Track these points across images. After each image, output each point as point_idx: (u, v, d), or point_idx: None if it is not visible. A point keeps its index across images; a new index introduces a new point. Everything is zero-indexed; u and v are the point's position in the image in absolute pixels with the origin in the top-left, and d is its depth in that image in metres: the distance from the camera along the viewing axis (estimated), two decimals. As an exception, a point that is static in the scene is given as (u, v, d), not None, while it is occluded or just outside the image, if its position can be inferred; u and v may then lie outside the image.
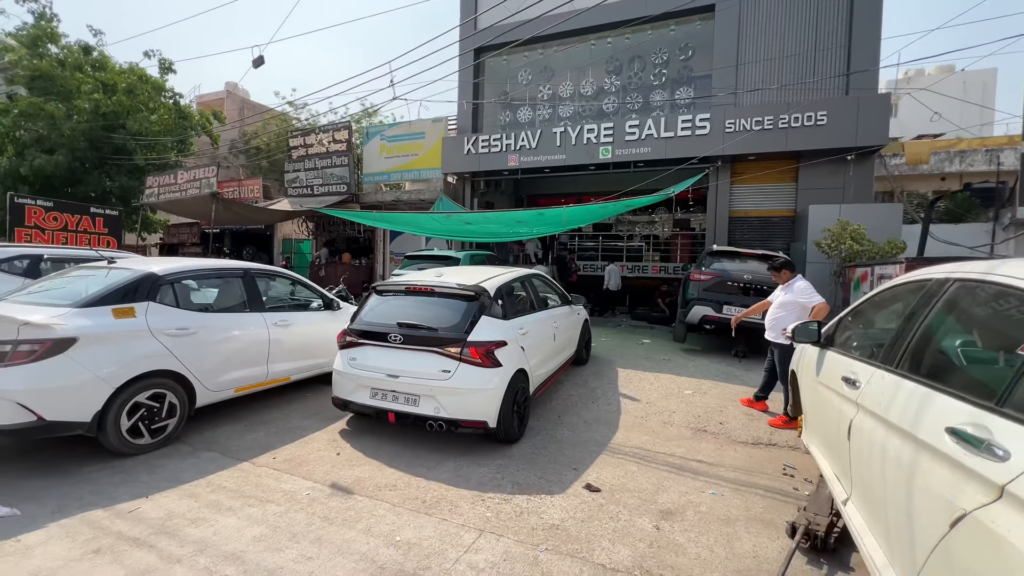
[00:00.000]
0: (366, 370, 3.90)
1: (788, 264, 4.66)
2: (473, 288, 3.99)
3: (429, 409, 3.65)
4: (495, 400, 3.65)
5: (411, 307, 4.13)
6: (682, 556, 2.52)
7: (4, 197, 13.43)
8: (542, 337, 4.67)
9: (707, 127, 10.70)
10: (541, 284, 5.53)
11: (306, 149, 15.68)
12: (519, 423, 4.00)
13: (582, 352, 6.29)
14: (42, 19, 14.86)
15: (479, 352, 3.65)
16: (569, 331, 5.64)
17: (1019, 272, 1.41)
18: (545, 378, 4.74)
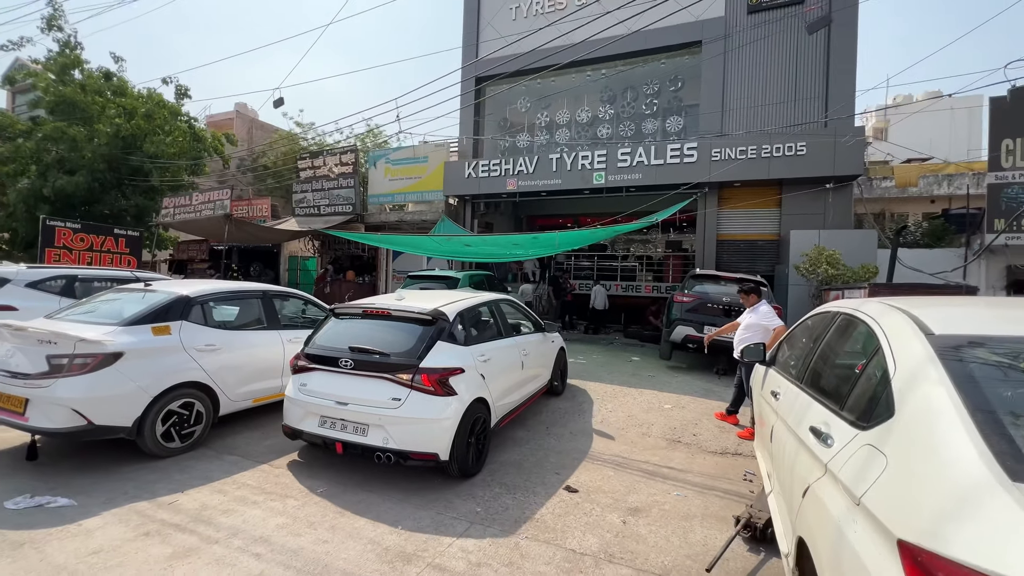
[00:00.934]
0: (315, 396, 3.71)
1: (755, 289, 5.16)
2: (431, 312, 3.84)
3: (378, 440, 3.45)
4: (448, 431, 3.47)
5: (366, 331, 3.97)
6: (642, 544, 2.96)
7: (27, 216, 14.12)
8: (507, 365, 4.48)
9: (695, 155, 11.32)
10: (511, 310, 5.34)
11: (314, 171, 16.36)
12: (476, 457, 3.81)
13: (556, 381, 5.98)
14: (67, 47, 15.72)
15: (431, 379, 3.47)
16: (541, 359, 5.40)
17: (867, 308, 1.89)
18: (511, 408, 4.55)
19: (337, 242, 17.79)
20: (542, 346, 5.50)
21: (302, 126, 25.44)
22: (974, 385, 1.23)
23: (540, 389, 5.43)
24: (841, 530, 1.28)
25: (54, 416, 3.52)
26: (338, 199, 15.83)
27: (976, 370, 1.30)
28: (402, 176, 15.30)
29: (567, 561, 2.75)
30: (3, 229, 15.61)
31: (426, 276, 10.27)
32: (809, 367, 2.31)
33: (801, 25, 10.84)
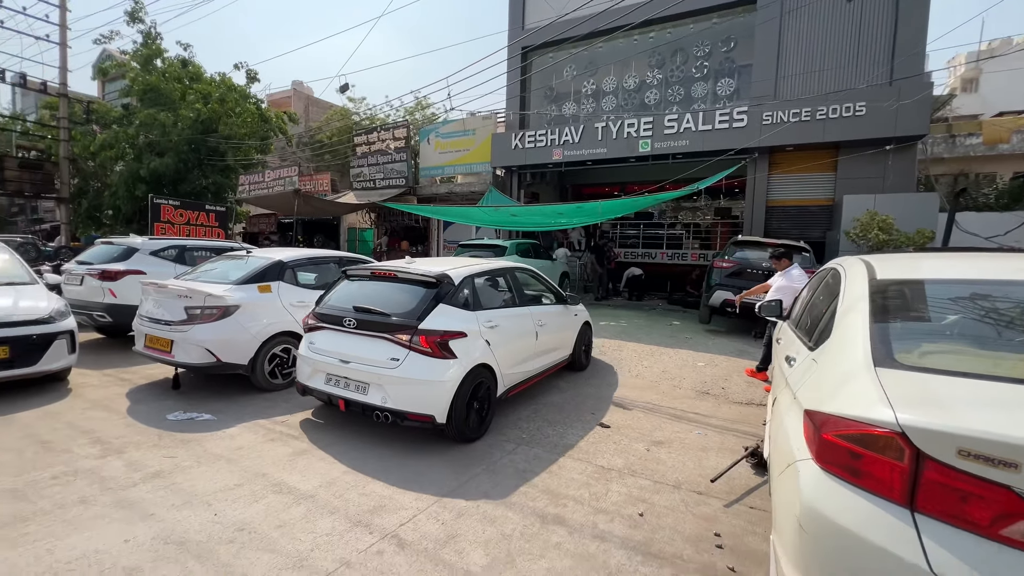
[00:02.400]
0: (322, 355, 3.83)
1: (787, 254, 5.40)
2: (435, 275, 3.85)
3: (377, 399, 3.51)
4: (445, 394, 3.46)
5: (372, 292, 4.05)
6: (661, 465, 3.53)
7: (127, 194, 16.00)
8: (518, 333, 4.39)
9: (744, 120, 11.09)
10: (528, 279, 5.23)
11: (369, 147, 17.27)
12: (478, 422, 3.80)
13: (580, 356, 5.76)
14: (148, 38, 17.23)
15: (429, 341, 3.47)
16: (560, 331, 5.24)
17: (846, 262, 2.28)
18: (522, 379, 4.47)
19: (392, 213, 18.81)
20: (562, 318, 5.32)
21: (354, 101, 26.35)
22: (883, 311, 1.65)
23: (560, 362, 5.30)
24: (782, 419, 1.77)
25: (192, 354, 4.49)
26: (392, 173, 16.69)
27: (890, 301, 1.71)
28: (451, 149, 15.88)
29: (596, 473, 3.36)
30: (107, 207, 17.74)
31: (476, 245, 10.95)
32: (802, 314, 2.71)
33: (867, -26, 10.24)
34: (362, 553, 2.37)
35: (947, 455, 1.12)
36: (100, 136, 16.21)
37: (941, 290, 1.81)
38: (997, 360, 1.44)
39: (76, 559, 2.23)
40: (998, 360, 1.44)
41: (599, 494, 3.06)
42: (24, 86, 14.81)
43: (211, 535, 2.47)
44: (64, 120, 15.47)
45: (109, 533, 2.45)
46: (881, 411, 1.23)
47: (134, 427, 3.90)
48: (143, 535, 2.44)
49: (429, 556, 2.37)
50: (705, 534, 2.65)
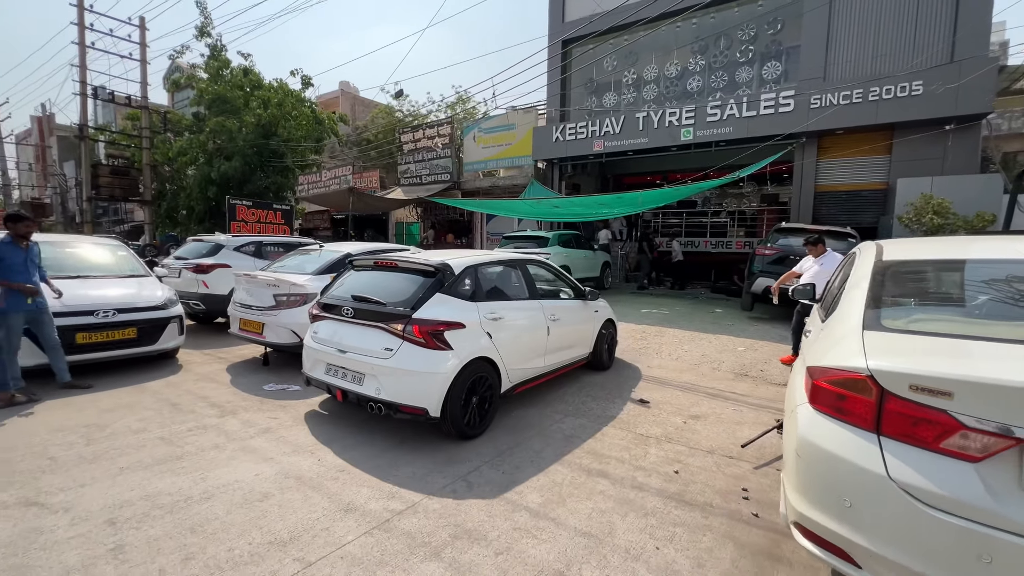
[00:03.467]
0: (323, 344, 3.82)
1: (821, 239, 5.53)
2: (435, 264, 3.79)
3: (371, 389, 3.45)
4: (439, 386, 3.35)
5: (373, 281, 4.03)
6: (695, 435, 3.86)
7: (200, 195, 17.54)
8: (526, 327, 4.24)
9: (791, 104, 10.89)
10: (542, 272, 5.06)
11: (415, 144, 18.02)
12: (478, 418, 3.65)
13: (602, 355, 5.47)
14: (215, 51, 18.65)
15: (423, 331, 3.37)
16: (577, 327, 5.01)
17: (864, 244, 2.54)
18: (532, 375, 4.31)
19: (437, 208, 19.55)
20: (579, 314, 5.09)
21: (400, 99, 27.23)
22: (880, 286, 1.94)
23: (578, 360, 5.12)
24: (794, 379, 2.09)
25: (280, 335, 5.20)
26: (437, 168, 17.38)
27: (889, 278, 1.99)
28: (493, 144, 16.34)
29: (636, 439, 3.75)
30: (182, 207, 19.47)
31: (520, 236, 11.40)
32: (824, 294, 2.97)
33: (926, -55, 9.79)
34: (442, 488, 2.89)
35: (902, 390, 1.45)
36: (177, 143, 17.80)
37: (934, 268, 2.08)
38: (962, 323, 1.72)
39: (223, 485, 2.88)
40: (963, 324, 1.72)
41: (638, 456, 3.46)
42: (113, 101, 16.48)
43: (319, 473, 3.07)
44: (146, 130, 17.11)
45: (242, 469, 3.09)
46: (858, 360, 1.57)
47: (239, 395, 4.63)
48: (268, 472, 3.07)
49: (495, 494, 2.85)
50: (734, 488, 3.00)
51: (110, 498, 2.69)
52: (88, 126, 16.37)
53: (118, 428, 3.71)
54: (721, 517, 2.68)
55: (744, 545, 2.43)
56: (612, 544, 2.41)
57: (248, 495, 2.77)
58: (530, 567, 2.23)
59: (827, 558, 1.64)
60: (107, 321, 4.96)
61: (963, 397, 1.36)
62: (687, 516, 2.68)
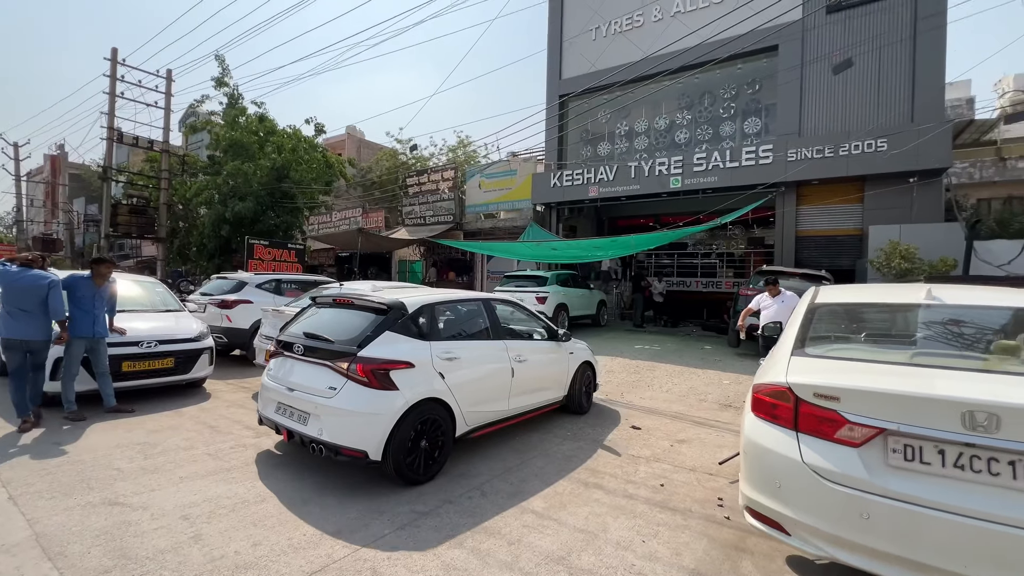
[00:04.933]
0: (275, 382, 3.77)
1: (776, 281, 6.28)
2: (388, 301, 3.72)
3: (314, 430, 3.33)
4: (380, 428, 3.24)
5: (328, 319, 3.98)
6: (680, 456, 4.35)
7: (213, 233, 18.28)
8: (486, 369, 4.14)
9: (770, 157, 11.86)
10: (510, 311, 4.96)
11: (420, 187, 19.01)
12: (426, 463, 3.50)
13: (579, 398, 5.34)
14: (232, 99, 19.91)
15: (366, 370, 3.28)
16: (547, 369, 4.90)
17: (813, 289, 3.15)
18: (494, 419, 4.19)
19: (439, 247, 20.35)
20: (550, 355, 4.96)
21: (402, 142, 28.52)
22: (809, 323, 2.54)
23: (549, 404, 4.99)
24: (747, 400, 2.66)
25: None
26: (440, 210, 18.28)
27: (818, 316, 2.59)
28: (495, 188, 17.32)
29: (628, 459, 4.23)
30: (194, 245, 20.16)
31: (520, 276, 12.07)
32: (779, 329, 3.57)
33: (883, 20, 11.02)
34: (459, 496, 3.36)
35: (809, 396, 2.01)
36: (194, 184, 18.71)
37: (852, 309, 2.68)
38: (861, 350, 2.31)
39: (272, 492, 3.34)
40: (862, 350, 2.31)
41: (630, 472, 3.94)
42: (136, 145, 17.50)
43: (353, 484, 3.53)
44: (165, 172, 18.05)
45: (282, 478, 3.56)
46: (782, 377, 2.14)
47: (268, 419, 5.09)
48: (309, 480, 3.54)
49: (506, 501, 3.32)
50: (711, 498, 3.48)
51: (179, 499, 3.16)
52: (112, 168, 17.28)
53: (168, 446, 4.17)
54: (698, 519, 3.16)
55: (716, 540, 2.91)
56: (605, 538, 2.89)
57: (293, 499, 3.24)
58: (537, 553, 2.70)
59: (767, 530, 2.15)
60: (150, 351, 5.48)
61: (847, 400, 1.92)
62: (669, 518, 3.16)
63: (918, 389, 1.83)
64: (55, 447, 4.07)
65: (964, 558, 1.64)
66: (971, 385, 1.78)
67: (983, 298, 2.47)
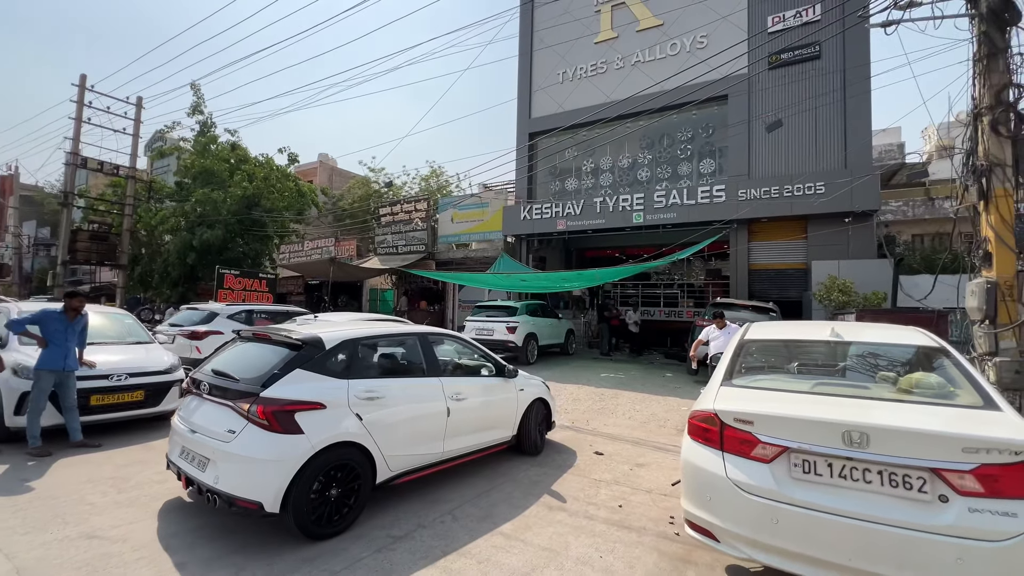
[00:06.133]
0: (181, 423, 3.52)
1: (722, 315, 6.89)
2: (304, 337, 3.47)
3: (210, 478, 3.06)
4: (279, 477, 2.95)
5: (241, 354, 3.72)
6: (639, 479, 4.69)
7: (178, 260, 17.92)
8: (416, 409, 3.84)
9: (723, 196, 12.81)
10: (448, 345, 4.76)
11: (392, 216, 19.29)
12: (334, 514, 3.21)
13: (531, 437, 5.05)
14: (205, 127, 19.93)
15: (266, 412, 3.00)
16: (492, 408, 4.62)
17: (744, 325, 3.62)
18: (425, 464, 3.90)
19: (411, 276, 20.53)
20: (495, 393, 4.70)
21: (374, 171, 28.84)
22: (738, 356, 2.98)
23: (495, 444, 4.71)
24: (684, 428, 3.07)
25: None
26: (413, 240, 18.57)
27: (745, 350, 3.05)
28: (467, 220, 17.79)
29: (590, 483, 4.53)
30: (157, 272, 19.63)
31: (491, 306, 12.41)
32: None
33: (817, 77, 12.29)
34: (432, 521, 3.57)
35: (730, 420, 2.41)
36: (160, 212, 18.41)
37: (773, 344, 3.17)
38: (778, 380, 2.76)
39: (245, 523, 3.47)
40: (778, 380, 2.76)
41: (591, 495, 4.24)
42: (102, 171, 17.18)
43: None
44: (130, 198, 17.73)
45: (262, 510, 3.68)
46: (710, 404, 2.54)
47: (241, 452, 5.14)
48: (285, 511, 3.67)
49: (476, 523, 3.56)
50: (663, 516, 3.81)
51: (158, 530, 3.26)
52: (73, 193, 16.87)
53: (141, 480, 4.21)
54: (651, 536, 3.48)
55: (665, 553, 3.23)
56: (567, 555, 3.17)
57: (274, 528, 3.39)
58: (504, 570, 2.95)
59: (701, 539, 2.50)
60: (119, 384, 5.48)
61: (759, 424, 2.33)
62: (625, 536, 3.47)
63: (811, 413, 2.25)
64: (22, 483, 4.05)
65: (848, 552, 2.02)
66: (850, 410, 2.22)
67: (875, 335, 2.98)
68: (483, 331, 11.50)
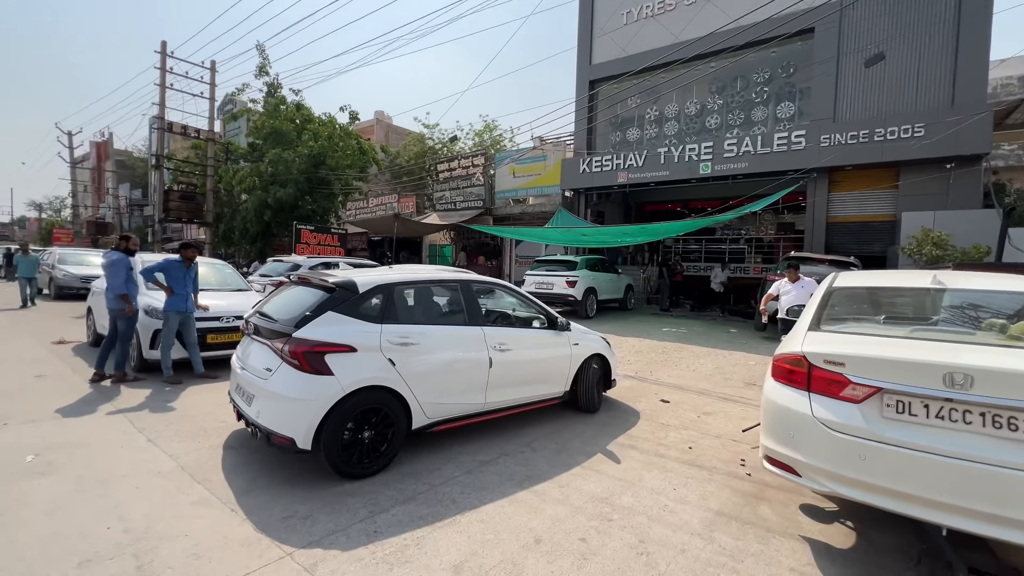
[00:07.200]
0: (236, 361, 3.77)
1: (796, 266, 6.54)
2: (337, 281, 3.54)
3: (254, 412, 3.25)
4: (310, 416, 3.04)
5: (284, 298, 3.85)
6: (706, 424, 4.79)
7: (256, 218, 19.26)
8: (454, 358, 3.78)
9: (802, 143, 11.85)
10: (497, 295, 4.64)
11: (450, 172, 19.50)
12: (369, 455, 3.28)
13: (588, 395, 4.84)
14: (272, 88, 20.69)
15: (297, 352, 3.09)
16: (539, 361, 4.46)
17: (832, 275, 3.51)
18: (464, 413, 3.86)
19: (469, 232, 20.92)
20: (546, 346, 4.53)
21: (429, 127, 28.91)
22: (826, 304, 2.93)
23: (545, 399, 4.56)
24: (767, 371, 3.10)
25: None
26: (470, 196, 18.77)
27: (834, 297, 2.98)
28: (525, 174, 17.67)
29: (659, 427, 4.70)
30: (237, 229, 21.24)
31: (550, 260, 12.51)
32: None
33: (924, 2, 10.81)
34: (515, 451, 3.90)
35: (820, 363, 2.44)
36: (238, 172, 19.68)
37: (862, 292, 3.07)
38: (868, 325, 2.70)
39: (355, 442, 3.95)
40: (869, 325, 2.70)
41: (660, 437, 4.41)
42: (185, 134, 18.48)
43: (431, 439, 4.11)
44: (211, 159, 19.04)
45: (362, 434, 4.16)
46: (797, 347, 2.57)
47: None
48: (382, 436, 4.13)
49: (551, 455, 3.85)
50: (733, 459, 3.93)
51: (282, 446, 3.79)
52: (163, 156, 18.35)
53: (258, 405, 4.84)
54: (722, 475, 3.62)
55: (738, 491, 3.37)
56: (641, 485, 3.39)
57: (375, 448, 3.84)
58: (584, 494, 3.22)
59: (781, 473, 2.60)
60: (229, 325, 6.19)
61: (851, 365, 2.34)
62: (697, 473, 3.63)
63: (908, 355, 2.23)
64: (165, 404, 4.80)
65: (941, 489, 2.05)
66: (952, 353, 2.17)
67: (983, 283, 2.81)
68: (543, 285, 11.69)
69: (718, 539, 2.73)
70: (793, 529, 2.86)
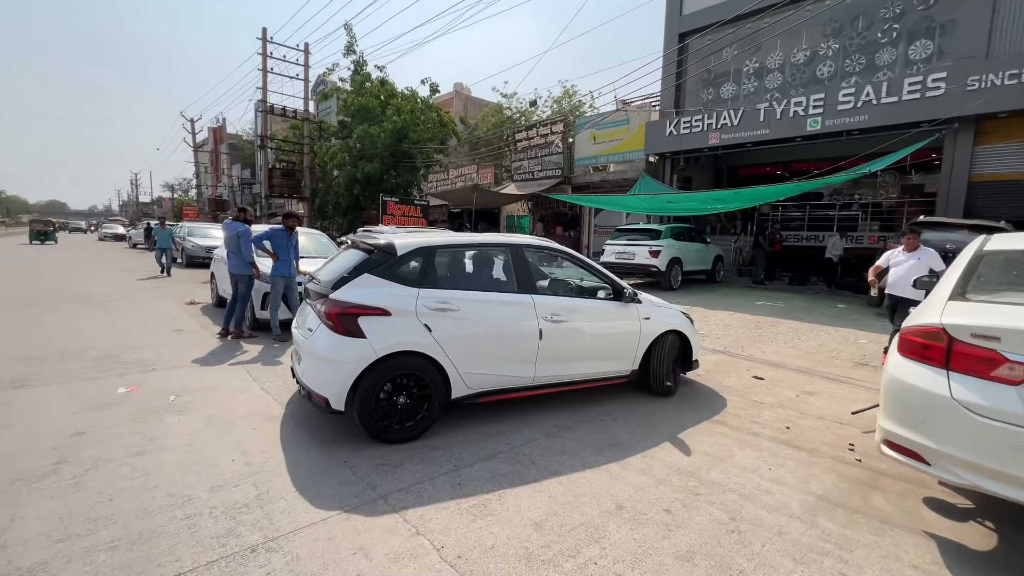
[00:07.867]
0: (295, 322, 3.89)
1: (918, 232, 5.61)
2: (377, 243, 3.47)
3: (300, 370, 3.39)
4: (342, 378, 3.03)
5: (335, 260, 3.88)
6: (807, 405, 4.37)
7: (346, 192, 20.51)
8: (498, 327, 3.55)
9: (942, 87, 10.05)
10: (553, 261, 4.41)
11: (528, 141, 19.22)
12: (402, 421, 3.23)
13: (660, 374, 4.35)
14: (358, 65, 21.53)
15: (331, 313, 3.10)
16: (600, 334, 4.07)
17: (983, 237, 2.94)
18: (511, 386, 3.65)
19: (546, 201, 20.65)
20: (608, 319, 4.14)
21: (507, 97, 28.49)
22: (973, 270, 2.45)
23: (609, 376, 4.20)
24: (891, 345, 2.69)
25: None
26: (549, 164, 18.41)
27: (984, 262, 2.47)
28: (605, 140, 16.92)
29: (751, 404, 4.38)
30: (331, 203, 22.82)
31: (632, 229, 12.00)
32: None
33: None
34: (592, 418, 3.85)
35: (965, 336, 2.05)
36: (330, 149, 20.99)
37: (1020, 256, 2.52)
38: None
39: (439, 401, 4.13)
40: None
41: (753, 415, 4.10)
42: (284, 115, 19.97)
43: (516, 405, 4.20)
44: (307, 138, 20.47)
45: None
46: (935, 318, 2.18)
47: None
48: (464, 396, 4.28)
49: (634, 426, 3.74)
50: (840, 443, 3.55)
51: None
52: (267, 137, 20.05)
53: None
54: (827, 458, 3.29)
55: (845, 476, 3.04)
56: (731, 462, 3.18)
57: (458, 407, 3.99)
58: (667, 466, 3.10)
59: (904, 460, 2.28)
60: (326, 290, 6.70)
61: (1008, 340, 1.95)
62: (796, 454, 3.34)
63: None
64: (274, 359, 5.35)
65: None
66: None
67: None
68: (623, 255, 11.28)
69: (822, 524, 2.49)
70: (915, 523, 2.53)
